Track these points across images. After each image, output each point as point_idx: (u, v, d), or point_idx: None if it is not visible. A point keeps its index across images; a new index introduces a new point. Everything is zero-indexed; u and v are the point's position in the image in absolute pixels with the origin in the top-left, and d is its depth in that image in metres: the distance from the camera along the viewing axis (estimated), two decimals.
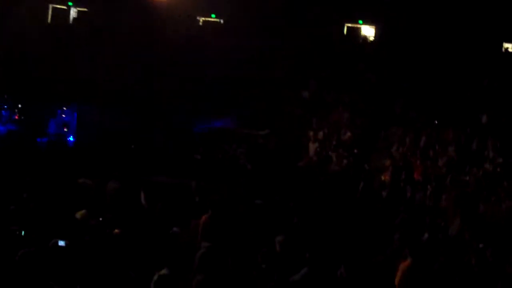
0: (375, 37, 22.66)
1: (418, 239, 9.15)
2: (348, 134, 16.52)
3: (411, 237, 9.28)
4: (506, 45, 20.94)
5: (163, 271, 6.16)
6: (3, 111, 16.83)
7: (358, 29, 22.91)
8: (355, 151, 15.68)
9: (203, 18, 23.63)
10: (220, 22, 23.50)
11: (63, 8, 24.10)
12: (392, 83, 19.02)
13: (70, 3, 23.98)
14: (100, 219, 8.27)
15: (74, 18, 24.14)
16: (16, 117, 17.08)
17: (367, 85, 19.20)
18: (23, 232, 7.03)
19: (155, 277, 6.13)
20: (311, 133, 16.74)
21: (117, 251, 7.10)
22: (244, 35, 20.17)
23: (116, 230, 7.63)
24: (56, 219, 7.53)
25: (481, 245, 9.03)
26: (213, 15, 23.36)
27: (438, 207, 11.97)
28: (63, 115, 16.80)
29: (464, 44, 19.51)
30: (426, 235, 9.36)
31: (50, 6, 24.08)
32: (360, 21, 22.69)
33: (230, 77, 18.88)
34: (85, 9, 23.80)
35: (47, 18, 23.91)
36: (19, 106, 17.16)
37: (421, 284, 7.20)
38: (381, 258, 8.38)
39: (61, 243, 6.09)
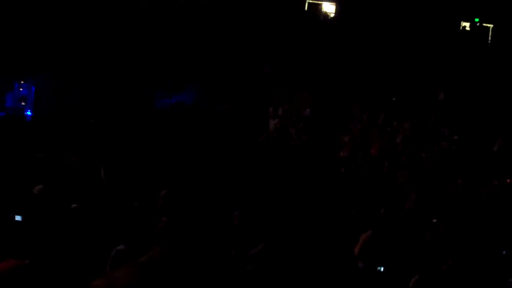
0: (335, 13, 22.73)
1: (375, 214, 9.31)
2: (308, 110, 16.63)
3: (367, 212, 9.44)
4: (463, 23, 21.21)
5: (120, 246, 6.18)
6: None
7: (319, 6, 22.93)
8: (315, 127, 15.80)
9: None
10: None
11: None
12: (350, 60, 19.15)
13: None
14: (60, 195, 8.23)
15: None
16: None
17: (327, 61, 19.30)
18: None
19: (113, 252, 6.15)
20: (271, 109, 16.80)
21: (75, 225, 7.09)
22: (204, 9, 20.06)
23: (74, 205, 7.62)
24: (13, 194, 7.47)
25: (434, 220, 9.23)
26: None
27: (395, 182, 12.16)
28: (21, 89, 16.56)
29: (422, 22, 19.71)
30: (382, 210, 9.53)
31: None
32: None
33: (189, 51, 18.79)
34: None
35: None
36: None
37: (379, 254, 7.37)
38: (339, 232, 8.51)
39: (18, 218, 6.06)
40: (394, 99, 17.34)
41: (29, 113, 16.17)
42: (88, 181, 9.58)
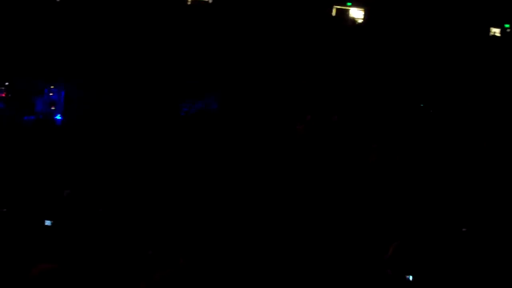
0: (363, 19, 22.65)
1: (403, 222, 9.28)
2: (335, 116, 16.58)
3: (394, 220, 9.40)
4: (493, 29, 21.01)
5: (149, 251, 6.22)
6: None
7: (347, 11, 22.87)
8: (342, 133, 15.75)
9: None
10: (208, 1, 23.37)
11: None
12: (378, 66, 19.08)
13: None
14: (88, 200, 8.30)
15: None
16: (3, 95, 17.00)
17: (355, 67, 19.25)
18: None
19: (142, 257, 6.18)
20: (297, 115, 16.76)
21: (102, 229, 7.14)
22: (232, 16, 20.13)
23: (100, 209, 7.68)
24: (43, 198, 7.54)
25: (464, 229, 9.15)
26: None
27: (423, 190, 12.06)
28: (51, 94, 16.76)
29: (451, 28, 19.57)
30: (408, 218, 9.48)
31: None
32: (349, 3, 22.64)
33: (216, 58, 18.86)
34: None
35: None
36: (7, 83, 17.09)
37: (408, 262, 7.35)
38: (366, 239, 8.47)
39: (47, 222, 6.13)
40: (422, 105, 17.25)
41: (58, 117, 16.35)
42: (116, 186, 9.66)
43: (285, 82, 18.97)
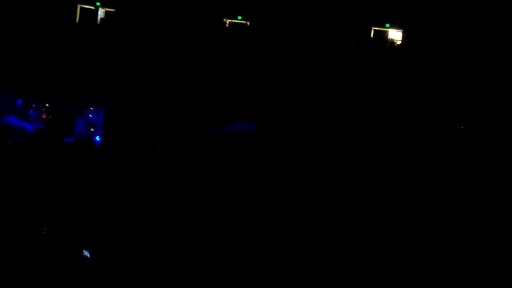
0: (402, 41, 22.52)
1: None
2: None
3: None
4: None
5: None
6: (31, 110, 17.04)
7: (386, 32, 22.76)
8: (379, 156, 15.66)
9: (230, 20, 23.63)
10: (246, 24, 23.49)
11: (91, 9, 24.30)
12: (416, 87, 18.95)
13: (98, 4, 24.14)
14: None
15: (102, 19, 24.31)
16: (44, 116, 17.28)
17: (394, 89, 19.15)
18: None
19: None
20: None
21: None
22: (270, 38, 20.20)
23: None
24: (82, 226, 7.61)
25: None
26: (239, 17, 23.34)
27: None
28: (90, 115, 16.96)
29: (491, 51, 19.35)
30: None
31: (78, 6, 24.26)
32: (387, 25, 22.53)
33: (254, 79, 18.93)
34: (113, 10, 23.95)
35: (75, 18, 24.12)
36: (47, 105, 17.37)
37: None
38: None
39: (86, 253, 6.18)
40: (462, 127, 17.08)
41: (98, 139, 16.53)
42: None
43: (323, 104, 18.94)
